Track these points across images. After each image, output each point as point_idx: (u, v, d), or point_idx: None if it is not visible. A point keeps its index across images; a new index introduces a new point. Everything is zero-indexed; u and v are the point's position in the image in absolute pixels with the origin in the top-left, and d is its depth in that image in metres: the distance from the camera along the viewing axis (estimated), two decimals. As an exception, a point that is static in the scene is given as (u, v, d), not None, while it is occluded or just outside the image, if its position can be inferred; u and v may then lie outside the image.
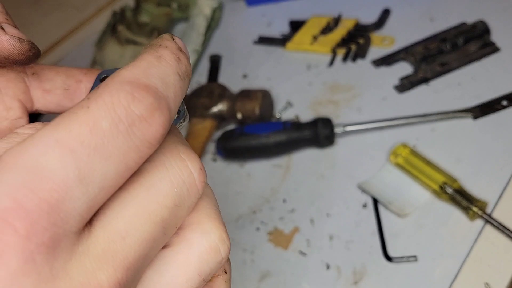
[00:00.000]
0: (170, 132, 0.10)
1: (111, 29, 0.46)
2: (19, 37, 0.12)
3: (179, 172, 0.09)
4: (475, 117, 0.36)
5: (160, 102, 0.08)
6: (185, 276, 0.09)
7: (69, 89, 0.13)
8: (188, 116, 0.12)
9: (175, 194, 0.09)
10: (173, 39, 0.10)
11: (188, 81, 0.10)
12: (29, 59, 0.12)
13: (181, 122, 0.11)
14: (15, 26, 0.13)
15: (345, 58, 0.42)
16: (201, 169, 0.10)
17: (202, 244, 0.10)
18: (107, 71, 0.12)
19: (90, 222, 0.08)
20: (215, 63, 0.45)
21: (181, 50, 0.10)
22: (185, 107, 0.12)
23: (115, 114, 0.08)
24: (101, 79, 0.12)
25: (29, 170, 0.07)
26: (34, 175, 0.07)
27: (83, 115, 0.08)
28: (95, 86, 0.12)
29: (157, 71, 0.09)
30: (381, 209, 0.32)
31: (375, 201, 0.32)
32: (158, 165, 0.09)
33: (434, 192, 0.32)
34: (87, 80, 0.12)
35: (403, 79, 0.40)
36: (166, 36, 0.10)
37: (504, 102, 0.36)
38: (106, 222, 0.08)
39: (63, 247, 0.07)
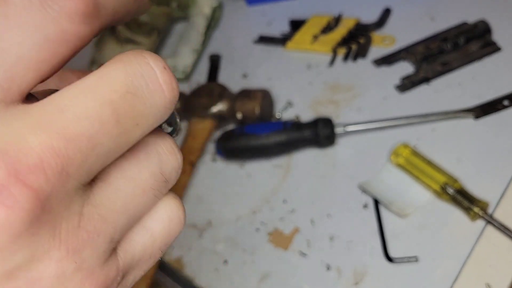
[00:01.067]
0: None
1: (110, 28, 0.46)
2: None
3: (137, 65, 0.09)
4: (476, 117, 0.36)
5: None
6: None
7: None
8: (181, 130, 0.12)
9: (130, 83, 0.08)
10: None
11: None
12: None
13: (174, 136, 0.11)
14: None
15: (345, 58, 0.42)
16: (164, 68, 0.09)
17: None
18: None
19: (30, 96, 0.08)
20: (214, 62, 0.45)
21: None
22: (178, 119, 0.11)
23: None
24: None
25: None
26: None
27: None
28: None
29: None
30: (382, 209, 0.32)
31: (376, 202, 0.32)
32: (115, 60, 0.09)
33: (435, 192, 0.31)
34: None
35: (404, 78, 0.40)
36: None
37: (506, 102, 0.36)
38: (51, 98, 0.08)
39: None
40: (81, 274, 0.08)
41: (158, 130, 0.10)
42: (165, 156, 0.10)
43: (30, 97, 0.09)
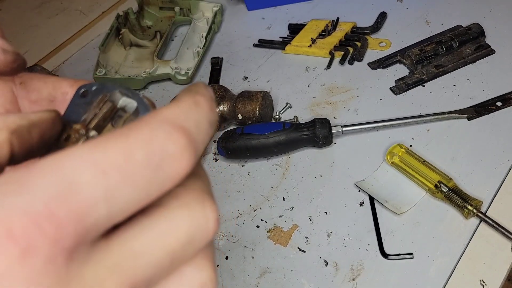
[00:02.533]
0: (201, 177, 0.11)
1: (115, 32, 0.47)
2: (3, 48, 0.12)
3: (199, 217, 0.10)
4: (470, 117, 0.37)
5: (190, 145, 0.09)
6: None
7: (54, 100, 0.13)
8: None
9: (190, 234, 0.10)
10: (208, 89, 0.11)
11: (214, 130, 0.11)
12: (13, 70, 0.12)
13: None
14: (1, 36, 0.13)
15: (342, 61, 0.43)
16: (217, 220, 0.10)
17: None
18: (87, 85, 0.12)
19: (108, 235, 0.09)
20: (216, 65, 0.46)
21: (213, 101, 0.11)
22: None
23: (150, 149, 0.09)
24: (80, 94, 0.12)
25: (64, 182, 0.08)
26: (68, 187, 0.08)
27: (122, 143, 0.09)
28: (75, 99, 0.12)
29: (194, 116, 0.10)
30: (378, 207, 0.33)
31: (372, 200, 0.33)
32: (184, 204, 0.10)
33: (430, 191, 0.32)
34: (73, 92, 0.12)
35: (399, 81, 0.41)
36: (201, 84, 0.11)
37: (499, 103, 0.37)
38: (124, 240, 0.09)
39: (82, 253, 0.08)
40: None
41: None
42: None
43: None
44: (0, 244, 0.08)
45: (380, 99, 0.40)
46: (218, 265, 0.32)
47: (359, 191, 0.34)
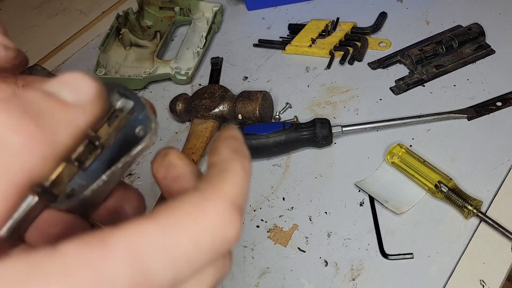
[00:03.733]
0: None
1: (115, 32, 0.47)
2: (4, 45, 0.13)
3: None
4: (470, 117, 0.37)
5: (242, 220, 0.10)
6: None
7: None
8: (155, 136, 0.12)
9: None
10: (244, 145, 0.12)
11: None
12: (15, 67, 0.13)
13: (148, 140, 0.11)
14: (4, 33, 0.13)
15: (342, 61, 0.43)
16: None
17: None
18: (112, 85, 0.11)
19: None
20: (216, 65, 0.46)
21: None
22: (152, 125, 0.11)
23: (216, 236, 0.10)
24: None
25: (139, 270, 0.09)
26: (143, 276, 0.09)
27: (192, 230, 0.09)
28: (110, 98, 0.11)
29: (245, 188, 0.11)
30: (378, 207, 0.33)
31: (372, 200, 0.33)
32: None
33: (430, 191, 0.32)
34: None
35: (399, 80, 0.41)
36: (242, 143, 0.12)
37: (499, 103, 0.37)
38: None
39: None
40: None
41: None
42: None
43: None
44: None
45: (380, 99, 0.40)
46: (218, 265, 0.32)
47: (359, 191, 0.34)
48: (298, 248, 0.32)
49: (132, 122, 0.12)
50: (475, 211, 0.30)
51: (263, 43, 0.47)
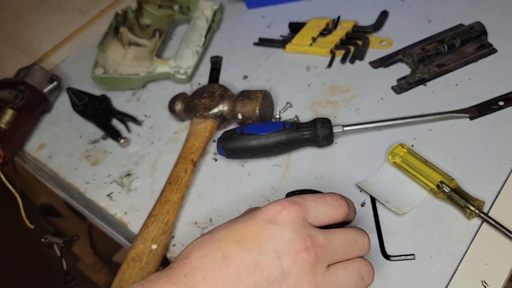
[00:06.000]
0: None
1: (114, 31, 0.47)
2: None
3: (361, 234, 0.23)
4: (472, 117, 0.36)
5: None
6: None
7: None
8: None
9: (355, 238, 0.23)
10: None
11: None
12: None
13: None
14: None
15: (343, 60, 0.43)
16: (368, 242, 0.24)
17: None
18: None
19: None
20: (216, 64, 0.46)
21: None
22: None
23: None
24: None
25: None
26: None
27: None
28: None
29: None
30: (379, 207, 0.32)
31: (373, 200, 0.33)
32: (356, 231, 0.24)
33: (432, 191, 0.32)
34: None
35: (400, 80, 0.40)
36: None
37: (501, 103, 0.37)
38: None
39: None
40: None
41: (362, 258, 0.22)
42: (364, 266, 0.22)
43: None
44: None
45: (382, 99, 0.39)
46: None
47: (360, 191, 0.34)
48: (299, 249, 0.31)
49: None
50: (477, 211, 0.30)
51: (263, 42, 0.47)
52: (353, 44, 0.44)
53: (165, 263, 0.33)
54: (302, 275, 0.20)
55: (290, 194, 0.28)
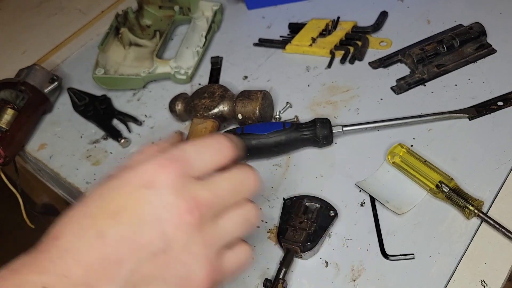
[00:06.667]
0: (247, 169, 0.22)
1: (114, 31, 0.47)
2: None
3: (247, 172, 0.21)
4: (471, 117, 0.37)
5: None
6: None
7: None
8: None
9: (241, 179, 0.21)
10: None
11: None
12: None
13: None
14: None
15: (343, 60, 0.43)
16: (256, 179, 0.21)
17: None
18: None
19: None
20: (216, 64, 0.46)
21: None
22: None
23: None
24: None
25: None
26: None
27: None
28: None
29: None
30: (379, 207, 0.33)
31: (373, 200, 0.33)
32: (240, 169, 0.21)
33: (431, 191, 0.32)
34: None
35: (400, 80, 0.40)
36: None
37: (500, 103, 0.37)
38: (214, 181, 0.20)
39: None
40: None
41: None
42: (250, 211, 0.21)
43: None
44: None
45: (381, 99, 0.40)
46: (218, 266, 0.32)
47: (360, 191, 0.34)
48: (299, 248, 0.31)
49: None
50: (476, 211, 0.30)
51: (263, 42, 0.47)
52: (353, 44, 0.44)
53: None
54: (189, 238, 0.18)
55: (287, 201, 0.29)
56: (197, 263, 0.18)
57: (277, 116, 0.40)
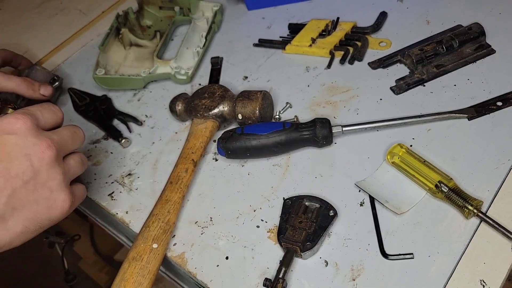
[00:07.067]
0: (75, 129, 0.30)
1: (115, 32, 0.47)
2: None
3: (77, 130, 0.30)
4: (470, 117, 0.37)
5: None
6: None
7: None
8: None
9: (74, 132, 0.30)
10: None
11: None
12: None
13: None
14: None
15: (342, 60, 0.43)
16: (83, 135, 0.30)
17: None
18: None
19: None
20: (216, 64, 0.46)
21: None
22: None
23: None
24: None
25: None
26: None
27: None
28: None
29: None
30: (378, 207, 0.33)
31: (372, 200, 0.33)
32: (72, 128, 0.30)
33: (430, 191, 0.32)
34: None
35: (399, 80, 0.41)
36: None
37: (499, 103, 0.37)
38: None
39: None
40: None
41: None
42: (82, 156, 0.30)
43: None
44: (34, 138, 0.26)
45: (381, 99, 0.40)
46: (218, 265, 0.32)
47: (360, 191, 0.34)
48: (298, 248, 0.32)
49: None
50: (475, 211, 0.30)
51: (263, 43, 0.47)
52: (352, 45, 0.44)
53: (165, 262, 0.33)
54: (51, 167, 0.25)
55: (287, 200, 0.30)
56: (59, 186, 0.26)
57: (277, 116, 0.40)
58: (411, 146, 0.36)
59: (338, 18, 0.46)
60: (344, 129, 0.36)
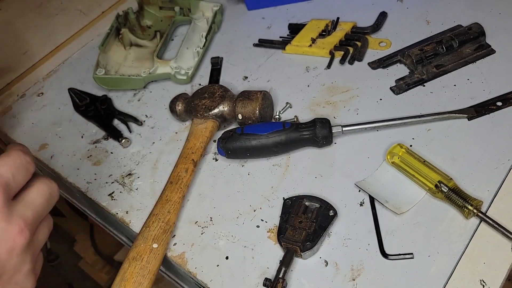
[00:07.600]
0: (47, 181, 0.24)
1: (115, 32, 0.47)
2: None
3: (53, 188, 0.24)
4: (470, 117, 0.37)
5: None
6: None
7: None
8: None
9: (49, 194, 0.24)
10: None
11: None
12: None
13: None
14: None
15: (342, 60, 0.43)
16: (58, 191, 0.24)
17: None
18: None
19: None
20: (216, 64, 0.46)
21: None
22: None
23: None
24: None
25: None
26: None
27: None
28: None
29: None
30: (378, 207, 0.33)
31: (372, 200, 0.33)
32: (44, 183, 0.24)
33: (430, 190, 0.32)
34: None
35: (399, 80, 0.41)
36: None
37: (499, 103, 0.37)
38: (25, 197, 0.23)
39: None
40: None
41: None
42: (50, 218, 0.24)
43: None
44: None
45: (380, 99, 0.40)
46: (218, 265, 0.32)
47: (359, 191, 0.34)
48: (298, 248, 0.32)
49: None
50: (475, 211, 0.30)
51: (263, 43, 0.47)
52: (352, 45, 0.44)
53: (165, 262, 0.33)
54: (20, 258, 0.21)
55: (287, 200, 0.29)
56: (26, 278, 0.21)
57: (277, 116, 0.40)
58: (411, 146, 0.36)
59: (338, 18, 0.46)
60: (344, 129, 0.36)
